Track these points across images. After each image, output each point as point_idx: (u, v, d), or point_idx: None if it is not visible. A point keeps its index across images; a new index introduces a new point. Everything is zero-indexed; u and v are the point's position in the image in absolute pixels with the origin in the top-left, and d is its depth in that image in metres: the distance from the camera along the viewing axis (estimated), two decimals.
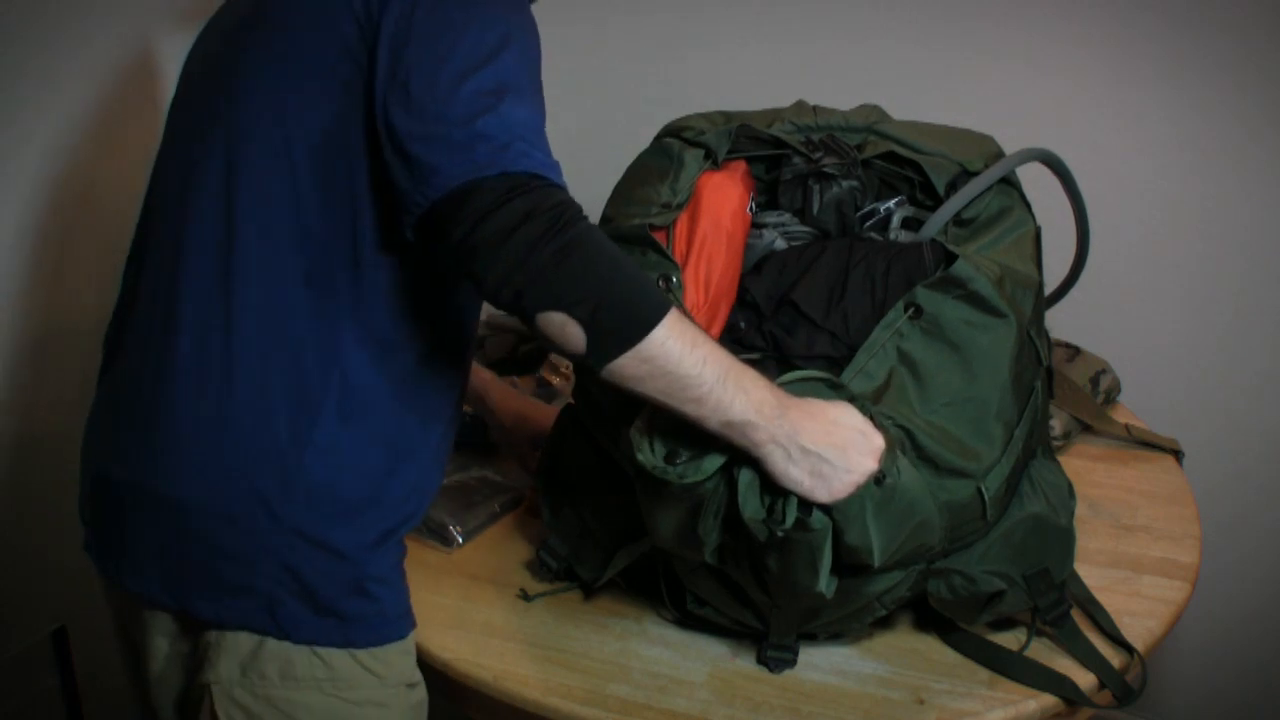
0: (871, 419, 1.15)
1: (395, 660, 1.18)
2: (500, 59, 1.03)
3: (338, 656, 1.14)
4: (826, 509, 1.09)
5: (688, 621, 1.31)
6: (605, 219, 1.39)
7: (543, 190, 0.99)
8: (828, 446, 1.07)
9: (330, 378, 1.11)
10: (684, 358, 1.02)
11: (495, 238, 0.97)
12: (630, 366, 1.01)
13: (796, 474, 1.07)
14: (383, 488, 1.15)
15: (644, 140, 1.47)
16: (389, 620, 1.17)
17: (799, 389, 1.13)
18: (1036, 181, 1.48)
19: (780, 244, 1.39)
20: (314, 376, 1.11)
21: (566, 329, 0.99)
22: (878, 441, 1.10)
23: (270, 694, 1.14)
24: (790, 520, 1.09)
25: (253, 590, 1.12)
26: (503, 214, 0.97)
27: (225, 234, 1.11)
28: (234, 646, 1.14)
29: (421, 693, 1.22)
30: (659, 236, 1.31)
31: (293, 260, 1.10)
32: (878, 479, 1.09)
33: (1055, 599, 1.28)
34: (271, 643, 1.14)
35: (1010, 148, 1.46)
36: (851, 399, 1.15)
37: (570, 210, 1.00)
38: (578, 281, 0.99)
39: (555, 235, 0.98)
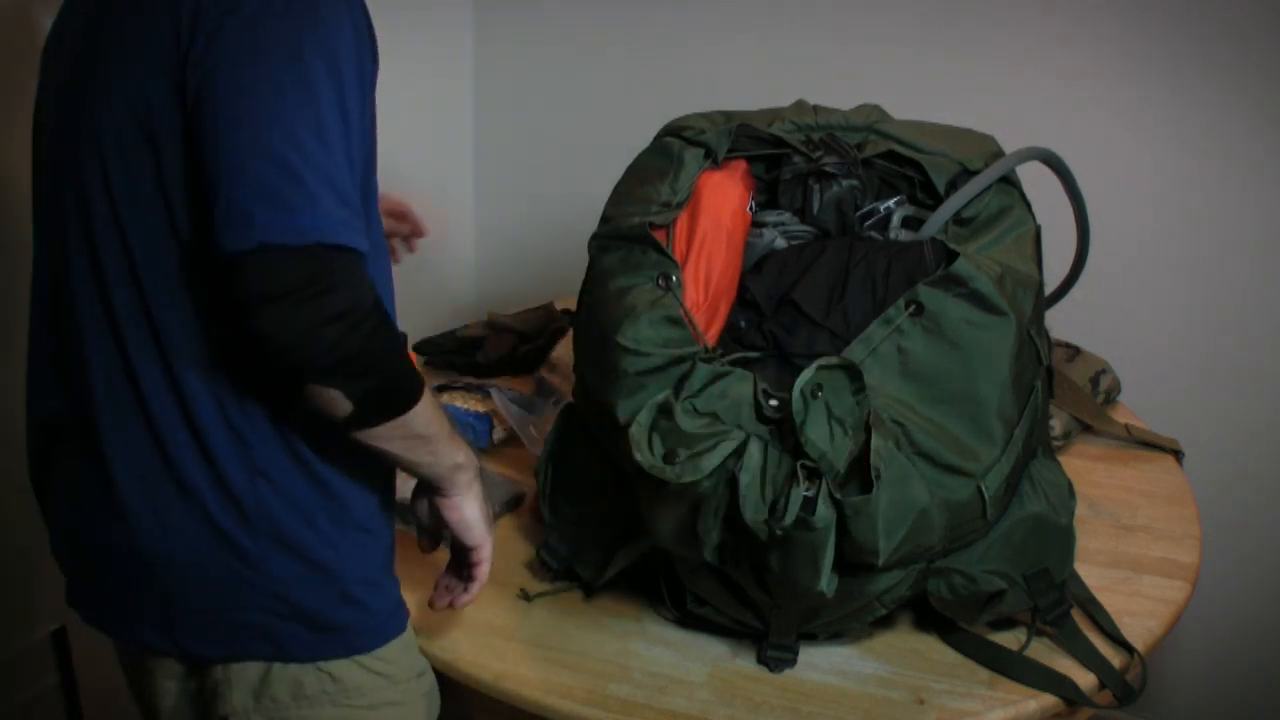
0: (870, 415, 1.15)
1: (399, 657, 1.18)
2: (309, 93, 0.98)
3: (343, 667, 1.14)
4: (837, 504, 1.10)
5: (688, 621, 1.31)
6: (605, 218, 1.39)
7: (347, 279, 0.98)
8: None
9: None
10: (429, 422, 1.09)
11: (298, 327, 0.96)
12: (384, 431, 1.05)
13: (477, 512, 1.17)
14: (332, 493, 1.12)
15: (644, 140, 1.47)
16: (383, 620, 1.17)
17: (821, 376, 1.14)
18: (1036, 181, 1.48)
19: (780, 243, 1.39)
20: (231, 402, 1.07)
21: (334, 402, 1.00)
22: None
23: (287, 716, 1.14)
24: (792, 519, 1.09)
25: (246, 623, 1.11)
26: (311, 307, 0.96)
27: (119, 263, 1.06)
28: (242, 677, 1.13)
29: (430, 678, 1.23)
30: (659, 235, 1.31)
31: (185, 276, 1.05)
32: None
33: (1055, 599, 1.28)
34: (277, 667, 1.13)
35: (1010, 147, 1.46)
36: (864, 387, 1.16)
37: (367, 301, 1.00)
38: (363, 368, 1.01)
39: (355, 331, 0.98)
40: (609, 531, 1.33)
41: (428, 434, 1.09)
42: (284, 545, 1.09)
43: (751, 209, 1.41)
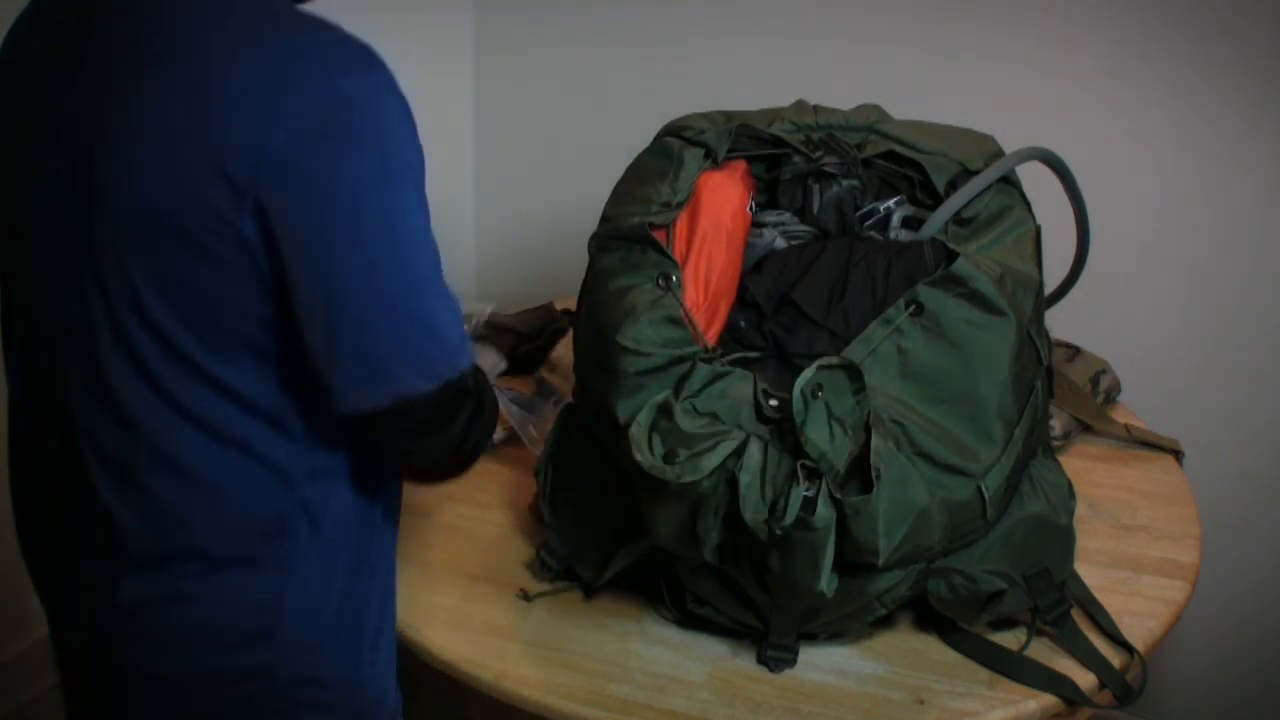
0: (870, 415, 1.15)
1: None
2: (420, 230, 0.97)
3: None
4: (837, 504, 1.10)
5: (688, 621, 1.31)
6: (605, 218, 1.39)
7: (468, 391, 1.04)
8: None
9: None
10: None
11: (439, 454, 1.07)
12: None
13: None
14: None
15: (644, 140, 1.47)
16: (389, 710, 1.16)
17: (821, 376, 1.14)
18: (1036, 181, 1.48)
19: (780, 243, 1.39)
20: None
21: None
22: None
23: None
24: (792, 519, 1.09)
25: None
26: (445, 434, 1.04)
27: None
28: None
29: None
30: (659, 235, 1.31)
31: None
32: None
33: (1055, 599, 1.27)
34: None
35: (1010, 147, 1.46)
36: (864, 387, 1.16)
37: (482, 393, 1.08)
38: (485, 443, 1.11)
39: (482, 429, 1.08)
40: (609, 531, 1.33)
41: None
42: (302, 657, 1.07)
43: (751, 209, 1.41)
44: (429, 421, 1.02)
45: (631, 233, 1.31)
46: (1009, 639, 1.29)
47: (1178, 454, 1.69)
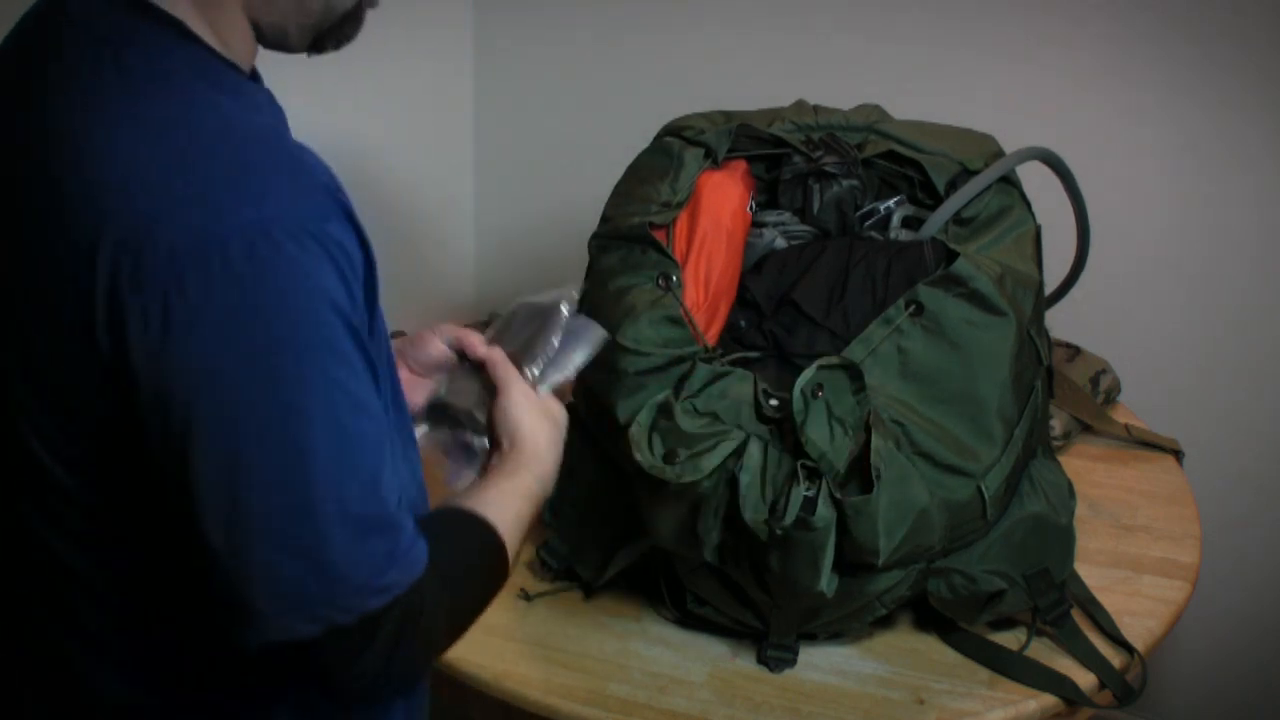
0: (870, 414, 1.15)
1: None
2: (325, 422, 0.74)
3: None
4: (837, 504, 1.09)
5: (688, 621, 1.31)
6: (605, 218, 1.39)
7: (396, 616, 0.78)
8: (550, 475, 1.03)
9: None
10: (519, 533, 0.96)
11: (367, 682, 0.80)
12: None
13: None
14: None
15: (644, 140, 1.47)
16: None
17: (822, 376, 1.15)
18: (1037, 181, 1.48)
19: (780, 243, 1.39)
20: None
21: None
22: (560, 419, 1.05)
23: None
24: (792, 519, 1.09)
25: None
26: (366, 660, 0.78)
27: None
28: None
29: None
30: (659, 235, 1.31)
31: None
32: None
33: (1055, 599, 1.27)
34: None
35: (1011, 147, 1.46)
36: (864, 387, 1.16)
37: (412, 615, 0.80)
38: (442, 644, 0.88)
39: (414, 646, 0.81)
40: (609, 531, 1.33)
41: (520, 534, 0.96)
42: None
43: (751, 209, 1.41)
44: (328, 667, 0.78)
45: (632, 233, 1.31)
46: (1009, 639, 1.29)
47: (1178, 454, 1.69)
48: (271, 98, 0.86)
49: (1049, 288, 1.49)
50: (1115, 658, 1.27)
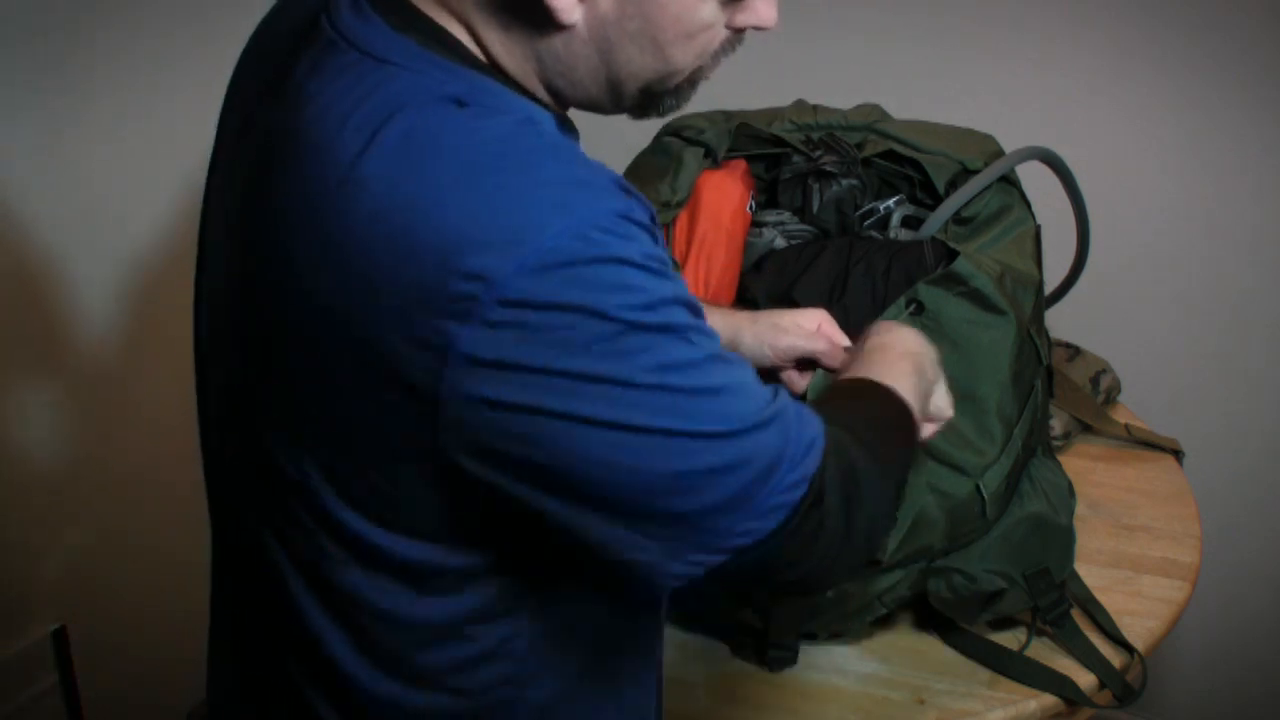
0: None
1: None
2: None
3: None
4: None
5: (688, 621, 1.31)
6: None
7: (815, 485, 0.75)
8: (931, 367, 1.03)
9: None
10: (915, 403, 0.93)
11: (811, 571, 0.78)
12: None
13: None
14: None
15: (644, 140, 1.47)
16: None
17: (822, 376, 1.14)
18: (1036, 181, 1.48)
19: (780, 242, 1.39)
20: None
21: None
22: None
23: None
24: None
25: None
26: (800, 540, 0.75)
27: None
28: None
29: None
30: None
31: None
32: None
33: (1055, 598, 1.27)
34: None
35: (1011, 147, 1.46)
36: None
37: (832, 501, 0.76)
38: (880, 527, 0.84)
39: (842, 534, 0.77)
40: None
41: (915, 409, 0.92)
42: None
43: (751, 208, 1.41)
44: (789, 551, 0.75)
45: None
46: (1009, 639, 1.29)
47: (1178, 454, 1.69)
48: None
49: (1049, 287, 1.49)
50: (1115, 658, 1.27)
